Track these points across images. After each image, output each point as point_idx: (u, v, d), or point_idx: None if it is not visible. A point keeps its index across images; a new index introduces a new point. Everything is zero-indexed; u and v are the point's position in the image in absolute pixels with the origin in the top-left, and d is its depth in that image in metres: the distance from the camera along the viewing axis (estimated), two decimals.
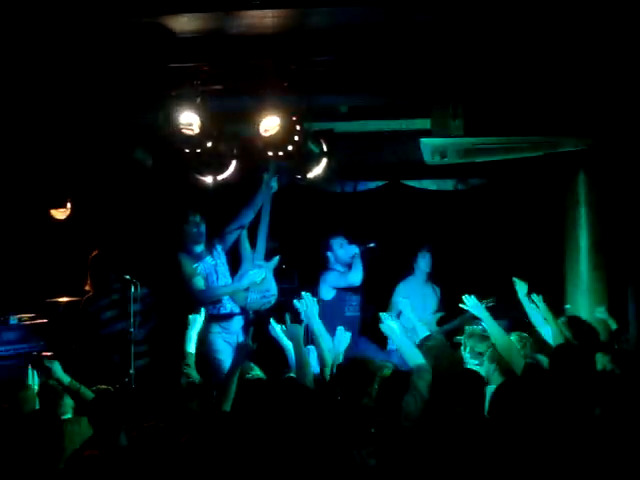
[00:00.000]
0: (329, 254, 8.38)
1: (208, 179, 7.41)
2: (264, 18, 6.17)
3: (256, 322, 7.48)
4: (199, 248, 7.74)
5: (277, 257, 7.95)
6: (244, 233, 7.92)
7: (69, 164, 7.73)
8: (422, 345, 5.92)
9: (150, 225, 8.69)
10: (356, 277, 8.20)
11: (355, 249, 8.30)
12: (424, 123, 7.59)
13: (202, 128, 7.00)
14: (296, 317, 6.21)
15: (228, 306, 7.73)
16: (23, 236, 8.37)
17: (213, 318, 7.50)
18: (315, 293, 7.72)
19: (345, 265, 8.35)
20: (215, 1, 5.88)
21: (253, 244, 7.87)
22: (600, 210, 8.38)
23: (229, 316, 7.72)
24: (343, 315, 8.13)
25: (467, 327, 6.91)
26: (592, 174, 8.38)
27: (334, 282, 8.29)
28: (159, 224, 8.47)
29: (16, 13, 5.79)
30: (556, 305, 7.64)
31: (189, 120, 6.93)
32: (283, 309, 8.53)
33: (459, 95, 7.28)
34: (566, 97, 7.16)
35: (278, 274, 8.14)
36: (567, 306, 8.31)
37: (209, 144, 7.15)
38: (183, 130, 6.97)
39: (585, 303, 8.34)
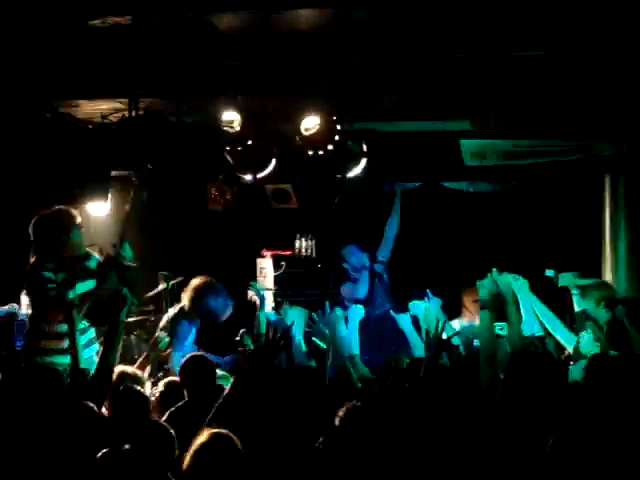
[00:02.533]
0: (346, 266, 8.33)
1: (248, 177, 7.50)
2: (306, 17, 6.25)
3: None
4: None
5: None
6: None
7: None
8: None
9: None
10: (361, 291, 8.23)
11: (366, 259, 8.30)
12: (463, 125, 7.60)
13: (243, 126, 7.09)
14: None
15: None
16: None
17: None
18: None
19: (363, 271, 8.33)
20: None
21: None
22: None
23: None
24: None
25: None
26: (633, 179, 8.34)
27: (347, 296, 8.24)
28: None
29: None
30: None
31: (230, 118, 7.01)
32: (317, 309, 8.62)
33: (497, 98, 7.28)
34: (601, 102, 7.13)
35: (313, 274, 8.19)
36: None
37: (249, 142, 7.23)
38: (224, 128, 7.07)
39: None
